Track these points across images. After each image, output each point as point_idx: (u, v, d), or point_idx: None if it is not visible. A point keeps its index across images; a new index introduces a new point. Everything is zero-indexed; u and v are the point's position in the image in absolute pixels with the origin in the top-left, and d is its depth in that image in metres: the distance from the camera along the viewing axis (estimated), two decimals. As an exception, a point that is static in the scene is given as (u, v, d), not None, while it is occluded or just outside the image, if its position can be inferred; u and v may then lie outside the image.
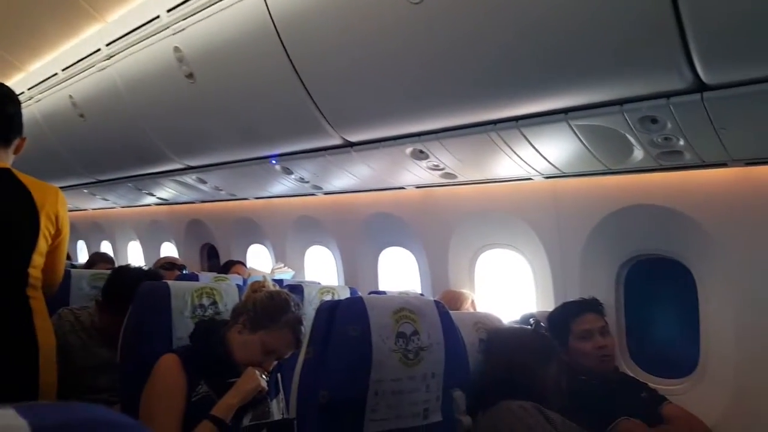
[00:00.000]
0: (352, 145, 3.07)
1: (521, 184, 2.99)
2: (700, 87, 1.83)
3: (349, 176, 3.51)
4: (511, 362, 2.10)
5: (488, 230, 3.38)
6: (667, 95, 1.91)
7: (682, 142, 2.11)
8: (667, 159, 2.26)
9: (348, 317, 1.75)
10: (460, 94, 2.37)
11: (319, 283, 3.33)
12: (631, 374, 2.72)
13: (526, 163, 2.66)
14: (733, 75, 1.75)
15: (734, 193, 2.35)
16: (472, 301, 3.36)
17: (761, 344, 2.31)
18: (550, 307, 2.85)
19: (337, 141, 3.05)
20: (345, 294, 3.08)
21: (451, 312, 2.05)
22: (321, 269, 4.80)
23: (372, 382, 1.69)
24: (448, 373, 1.88)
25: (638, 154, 2.28)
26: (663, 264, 2.71)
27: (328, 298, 2.92)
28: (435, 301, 2.02)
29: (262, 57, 2.73)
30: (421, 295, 3.45)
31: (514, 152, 2.57)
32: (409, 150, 2.87)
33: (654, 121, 2.04)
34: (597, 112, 2.11)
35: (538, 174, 2.81)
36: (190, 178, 4.58)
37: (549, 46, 1.94)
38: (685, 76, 1.79)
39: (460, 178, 3.11)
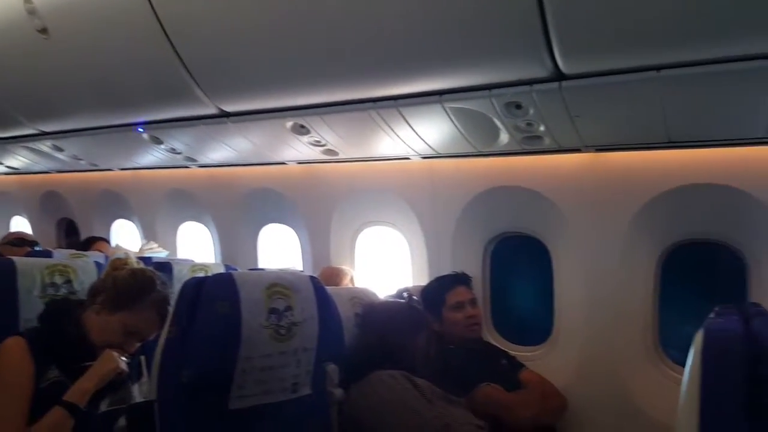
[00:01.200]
0: (228, 115, 2.93)
1: (400, 163, 3.06)
2: (558, 76, 1.97)
3: (226, 149, 3.36)
4: (383, 334, 2.17)
5: (369, 208, 3.42)
6: (530, 82, 2.04)
7: (542, 128, 2.27)
8: (530, 143, 2.43)
9: (216, 293, 1.68)
10: (341, 70, 2.35)
11: (191, 261, 3.17)
12: (494, 343, 2.93)
13: (404, 142, 2.72)
14: (588, 66, 1.90)
15: (586, 177, 2.58)
16: (352, 278, 3.41)
17: (605, 314, 2.59)
18: (425, 281, 2.97)
19: (212, 110, 2.89)
20: (220, 272, 2.96)
21: (328, 288, 2.05)
22: (196, 247, 4.56)
23: (240, 359, 1.65)
24: (322, 347, 1.89)
25: (504, 137, 2.43)
26: (524, 241, 2.93)
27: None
28: (310, 276, 2.01)
29: (125, 13, 2.49)
30: (301, 272, 3.42)
31: (393, 131, 2.61)
32: (289, 124, 2.81)
33: (518, 106, 2.17)
34: (468, 96, 2.20)
35: (416, 154, 2.89)
36: (44, 145, 4.11)
37: (424, 30, 1.98)
38: (546, 64, 1.92)
39: (342, 155, 3.10)
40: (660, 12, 1.60)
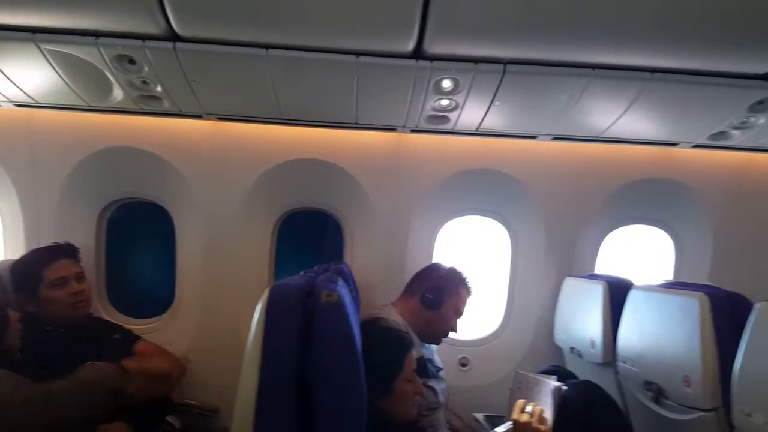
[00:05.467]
0: None
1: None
2: (173, 36, 1.90)
3: None
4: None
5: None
6: (143, 38, 1.91)
7: (159, 89, 2.17)
8: (148, 104, 2.29)
9: None
10: None
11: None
12: (108, 318, 2.71)
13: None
14: (201, 31, 1.88)
15: (209, 144, 2.60)
16: None
17: (224, 277, 2.69)
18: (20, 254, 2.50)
19: None
20: None
21: None
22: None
23: None
24: None
25: (118, 93, 2.22)
26: (146, 207, 2.78)
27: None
28: None
29: None
30: None
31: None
32: None
33: (132, 62, 2.01)
34: (70, 40, 1.92)
35: (6, 100, 2.38)
36: None
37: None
38: (159, 22, 1.81)
39: None
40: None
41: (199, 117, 2.47)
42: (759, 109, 2.15)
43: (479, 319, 2.95)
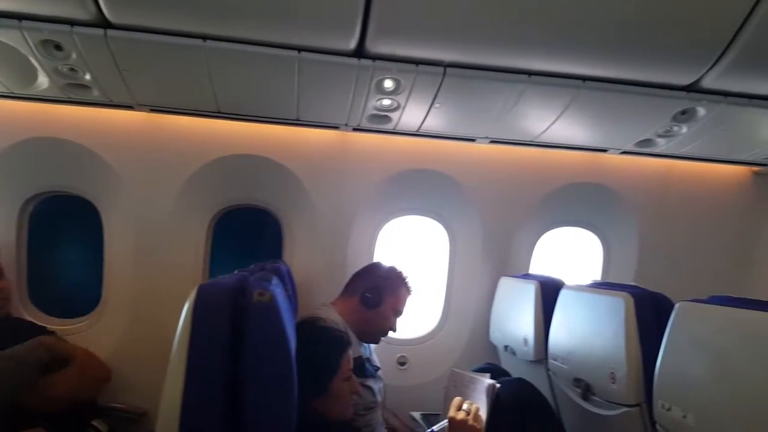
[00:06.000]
0: None
1: None
2: (104, 23, 1.81)
3: None
4: None
5: None
6: (71, 23, 1.80)
7: (88, 77, 2.06)
8: (75, 92, 2.17)
9: None
10: None
11: None
12: (31, 319, 2.55)
13: None
14: (136, 19, 1.80)
15: (141, 137, 2.49)
16: None
17: (157, 277, 2.58)
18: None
19: None
20: None
21: None
22: None
23: None
24: None
25: (43, 81, 2.09)
26: (73, 202, 2.63)
27: None
28: None
29: None
30: None
31: None
32: None
33: (59, 47, 1.90)
34: (-12, 21, 1.79)
35: None
36: None
37: None
38: (89, 7, 1.73)
39: None
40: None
41: (130, 108, 2.36)
42: (682, 119, 2.27)
43: (418, 318, 2.98)
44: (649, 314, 1.72)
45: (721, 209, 2.94)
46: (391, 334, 2.37)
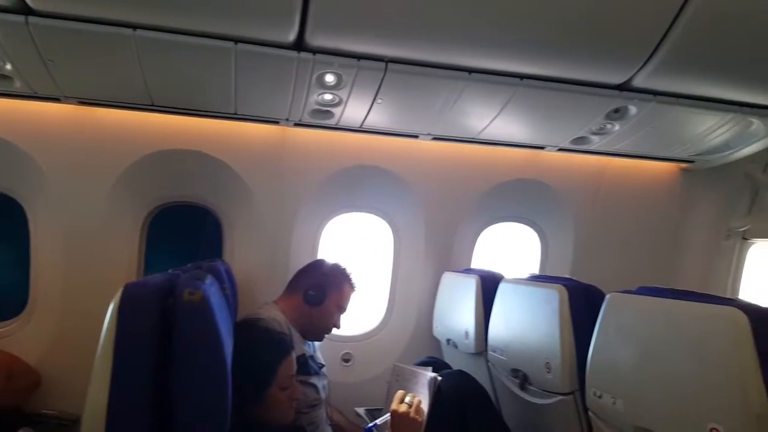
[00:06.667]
0: None
1: None
2: (26, 9, 1.70)
3: None
4: None
5: None
6: (-10, 10, 1.69)
7: (9, 67, 1.94)
8: (-4, 83, 2.04)
9: None
10: None
11: None
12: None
13: None
14: (61, 6, 1.70)
15: (69, 131, 2.36)
16: None
17: (87, 277, 2.46)
18: None
19: None
20: None
21: None
22: None
23: None
24: None
25: (-46, 71, 1.95)
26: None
27: None
28: None
29: None
30: None
31: None
32: None
33: (-30, 36, 1.77)
34: None
35: None
36: None
37: None
38: (8, -8, 1.62)
39: None
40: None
41: (57, 100, 2.23)
42: (615, 117, 2.36)
43: (363, 314, 2.98)
44: (583, 306, 1.78)
45: (651, 204, 3.09)
46: (335, 331, 2.36)
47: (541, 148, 2.75)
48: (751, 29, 1.81)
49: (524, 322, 2.00)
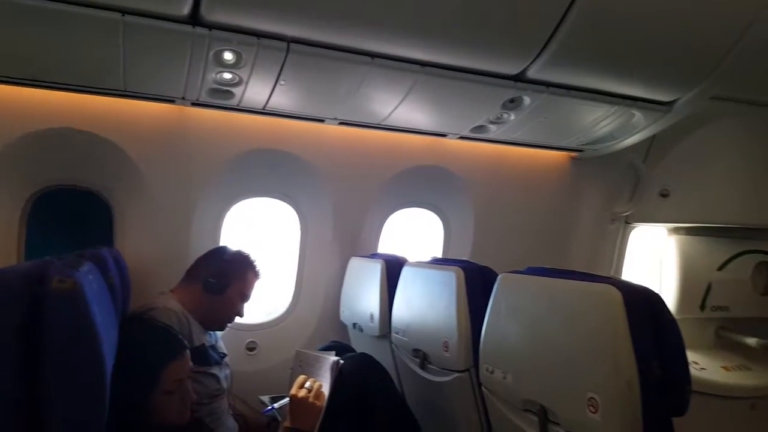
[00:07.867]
0: None
1: None
2: None
3: None
4: None
5: None
6: None
7: None
8: None
9: None
10: None
11: None
12: None
13: None
14: None
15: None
16: None
17: None
18: None
19: None
20: None
21: None
22: None
23: None
24: None
25: None
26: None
27: None
28: None
29: None
30: None
31: None
32: None
33: None
34: None
35: None
36: None
37: None
38: None
39: None
40: None
41: None
42: (510, 107, 2.46)
43: (269, 301, 2.93)
44: (479, 286, 1.86)
45: (544, 191, 3.28)
46: (238, 319, 2.29)
47: (444, 135, 2.82)
48: (633, 28, 1.96)
49: (424, 303, 2.06)
